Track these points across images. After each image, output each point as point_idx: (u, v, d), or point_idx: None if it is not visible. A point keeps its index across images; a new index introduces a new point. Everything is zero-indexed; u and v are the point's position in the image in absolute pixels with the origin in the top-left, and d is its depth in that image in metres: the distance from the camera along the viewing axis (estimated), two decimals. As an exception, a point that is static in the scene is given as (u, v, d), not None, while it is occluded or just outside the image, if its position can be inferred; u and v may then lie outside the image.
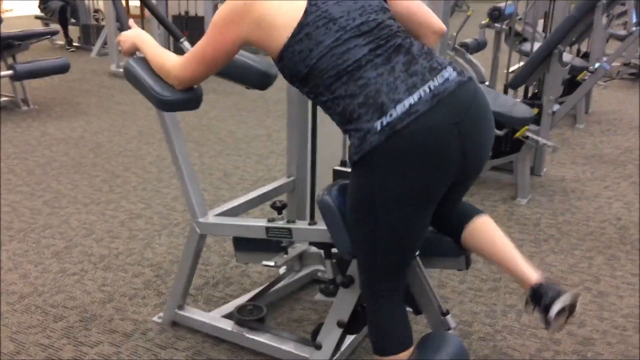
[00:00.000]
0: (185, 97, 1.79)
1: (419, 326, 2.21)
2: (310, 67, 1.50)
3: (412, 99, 1.43)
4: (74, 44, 8.34)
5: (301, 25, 1.49)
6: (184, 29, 6.56)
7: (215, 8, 8.38)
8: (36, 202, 3.37)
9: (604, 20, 4.71)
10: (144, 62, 1.84)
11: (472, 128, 1.48)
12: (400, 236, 1.55)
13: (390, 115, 1.42)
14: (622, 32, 6.49)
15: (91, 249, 2.85)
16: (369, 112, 1.44)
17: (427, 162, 1.45)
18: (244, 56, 2.07)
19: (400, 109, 1.42)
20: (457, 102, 1.47)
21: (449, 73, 1.49)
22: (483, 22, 5.39)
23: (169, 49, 1.80)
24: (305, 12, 1.49)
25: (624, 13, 7.21)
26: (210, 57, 1.62)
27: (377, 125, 1.42)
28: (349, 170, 2.20)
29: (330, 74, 1.48)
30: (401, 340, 1.64)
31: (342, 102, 1.48)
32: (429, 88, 1.45)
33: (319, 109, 2.44)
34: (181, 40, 2.23)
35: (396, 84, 1.45)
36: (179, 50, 2.03)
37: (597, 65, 4.12)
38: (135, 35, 1.86)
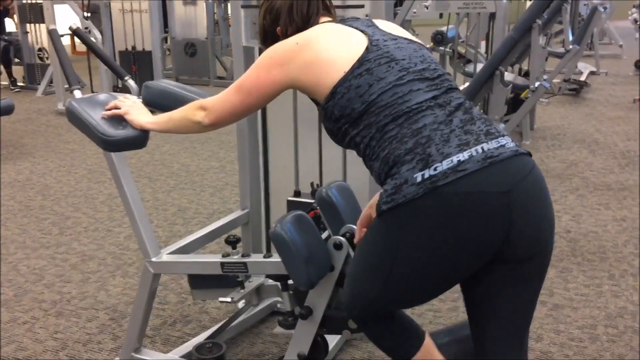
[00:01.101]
0: (130, 136, 1.78)
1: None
2: (368, 102, 1.40)
3: (462, 155, 1.29)
4: (19, 83, 8.16)
5: (361, 61, 1.43)
6: (131, 64, 6.51)
7: (164, 41, 8.35)
8: (-18, 249, 3.25)
9: (542, 39, 4.90)
10: (87, 102, 1.82)
11: (526, 202, 1.30)
12: (410, 299, 1.49)
13: (435, 169, 1.28)
14: (561, 50, 6.74)
15: (42, 295, 2.76)
16: (414, 160, 1.31)
17: (466, 229, 1.28)
18: (189, 91, 2.06)
19: (447, 164, 1.28)
20: (511, 170, 1.31)
21: (507, 141, 1.36)
22: (428, 45, 5.52)
23: (117, 89, 1.78)
24: (367, 49, 1.45)
25: (560, 32, 7.52)
26: (248, 97, 1.54)
27: (418, 176, 1.29)
28: (303, 200, 2.21)
29: (388, 112, 1.39)
30: (413, 337, 1.57)
31: (389, 146, 1.37)
32: (482, 149, 1.31)
33: (270, 139, 2.46)
34: (125, 78, 2.21)
35: (450, 137, 1.33)
36: (126, 89, 2.01)
37: (537, 84, 4.26)
38: (137, 105, 1.84)
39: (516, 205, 1.29)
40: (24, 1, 7.81)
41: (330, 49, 1.46)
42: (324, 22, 1.59)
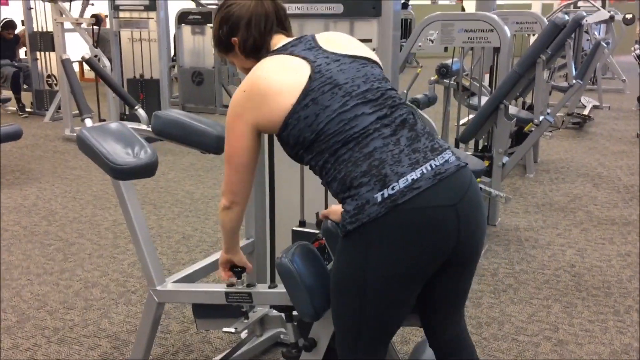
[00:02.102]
0: (139, 165, 1.80)
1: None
2: (317, 132, 1.49)
3: (415, 174, 1.43)
4: (27, 109, 8.24)
5: (306, 92, 1.50)
6: (139, 92, 6.58)
7: (171, 70, 8.45)
8: (-14, 274, 3.25)
9: (545, 74, 4.95)
10: (97, 130, 1.84)
11: (468, 212, 1.47)
12: (389, 314, 1.53)
13: (392, 188, 1.41)
14: (564, 84, 6.80)
15: (44, 321, 2.75)
16: (371, 181, 1.43)
17: (425, 241, 1.43)
18: (198, 121, 2.10)
19: (402, 182, 1.41)
20: (456, 184, 1.47)
21: (449, 155, 1.51)
22: (432, 78, 5.58)
23: (124, 116, 1.81)
24: (310, 78, 1.51)
25: (564, 65, 7.59)
26: (236, 156, 1.60)
27: (378, 196, 1.41)
28: (308, 230, 2.22)
29: (337, 139, 1.47)
30: None
31: (344, 168, 1.46)
32: (431, 166, 1.45)
33: (276, 169, 2.48)
34: (135, 107, 2.24)
35: (400, 157, 1.45)
36: (135, 118, 2.04)
37: (541, 118, 4.30)
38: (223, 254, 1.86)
39: (462, 216, 1.46)
40: (35, 29, 7.94)
41: (276, 83, 1.53)
42: (276, 44, 1.64)
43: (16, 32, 8.52)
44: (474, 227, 1.51)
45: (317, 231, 2.14)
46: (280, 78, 1.53)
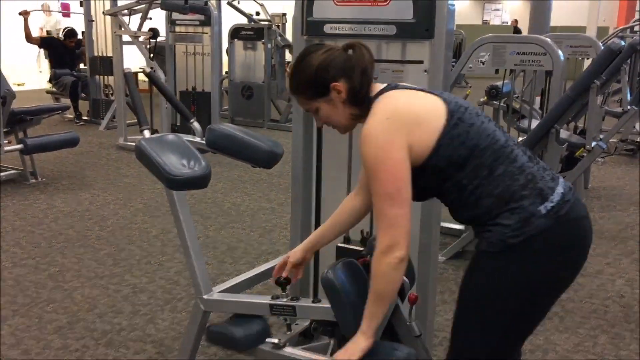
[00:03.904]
0: (194, 176, 1.86)
1: None
2: (471, 147, 1.50)
3: (560, 188, 1.50)
4: (83, 117, 8.54)
5: (451, 112, 1.53)
6: (190, 104, 6.75)
7: (221, 83, 8.64)
8: (40, 275, 3.38)
9: (599, 99, 4.85)
10: (155, 142, 1.92)
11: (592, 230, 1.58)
12: (531, 326, 1.59)
13: (552, 201, 1.47)
14: (618, 109, 6.64)
15: (94, 324, 2.84)
16: (532, 195, 1.47)
17: (580, 251, 1.53)
18: (250, 135, 2.15)
19: (557, 196, 1.48)
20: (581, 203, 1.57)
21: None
22: (481, 99, 5.54)
23: (176, 127, 1.86)
24: (445, 101, 1.56)
25: (618, 90, 7.41)
26: (399, 190, 1.48)
27: (542, 209, 1.46)
28: (353, 247, 2.24)
29: (489, 152, 1.51)
30: None
31: (502, 183, 1.48)
32: (562, 187, 1.54)
33: (323, 184, 2.50)
34: (191, 120, 2.31)
35: (541, 173, 1.52)
36: (186, 129, 2.11)
37: (594, 144, 4.21)
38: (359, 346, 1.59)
39: (590, 231, 1.57)
40: (95, 54, 8.29)
41: (418, 106, 1.55)
42: (374, 90, 1.62)
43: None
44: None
45: (361, 248, 2.16)
46: (420, 102, 1.56)
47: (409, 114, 1.52)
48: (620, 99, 7.24)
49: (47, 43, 8.75)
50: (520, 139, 4.77)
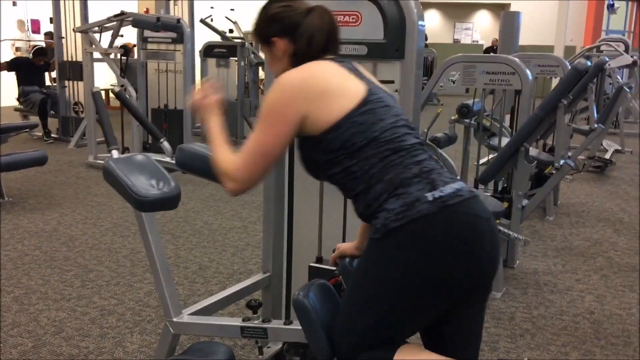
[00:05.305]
0: (163, 197, 1.83)
1: None
2: (370, 138, 1.54)
3: (457, 185, 1.52)
4: (52, 135, 8.41)
5: (365, 101, 1.57)
6: (162, 122, 6.69)
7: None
8: (5, 298, 3.29)
9: (567, 116, 4.95)
10: (123, 162, 1.89)
11: (493, 234, 1.52)
12: (414, 320, 1.54)
13: (441, 191, 1.48)
14: (586, 127, 6.79)
15: (60, 348, 2.77)
16: (421, 182, 1.49)
17: (468, 247, 1.47)
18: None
19: (449, 189, 1.49)
20: (484, 204, 1.56)
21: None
22: (452, 117, 5.60)
23: (147, 145, 1.84)
24: (369, 91, 1.59)
25: (586, 108, 7.58)
26: (271, 146, 1.57)
27: (429, 195, 1.47)
28: (325, 267, 2.22)
29: (389, 147, 1.54)
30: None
31: (393, 171, 1.52)
32: (460, 185, 1.55)
33: (296, 204, 2.49)
34: (161, 140, 2.29)
35: (441, 171, 1.56)
36: (157, 147, 2.08)
37: (562, 162, 4.28)
38: (212, 113, 1.83)
39: (494, 232, 1.52)
40: (65, 59, 8.16)
41: (336, 84, 1.59)
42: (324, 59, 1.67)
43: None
44: (497, 253, 1.55)
45: (333, 268, 2.15)
46: (339, 81, 1.59)
47: (320, 86, 1.57)
48: (587, 116, 7.41)
49: (15, 65, 8.60)
50: (491, 156, 4.83)
